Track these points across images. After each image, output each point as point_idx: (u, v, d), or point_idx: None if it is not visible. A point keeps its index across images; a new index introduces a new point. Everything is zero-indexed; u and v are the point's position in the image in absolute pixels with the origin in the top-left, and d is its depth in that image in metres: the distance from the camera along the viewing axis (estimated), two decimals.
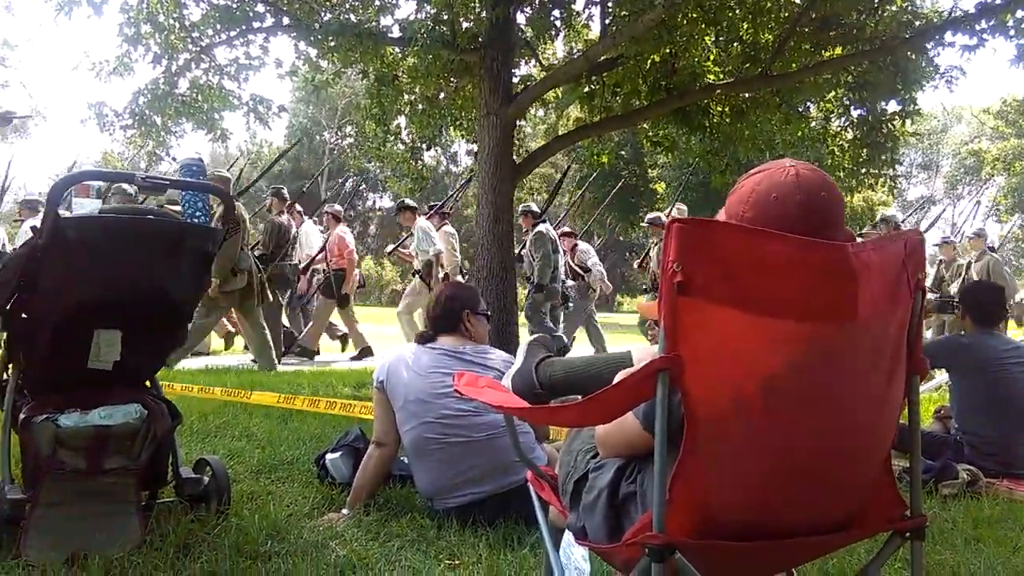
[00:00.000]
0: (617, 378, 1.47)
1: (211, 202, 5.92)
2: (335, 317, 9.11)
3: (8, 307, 2.35)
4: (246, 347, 9.03)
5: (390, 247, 10.01)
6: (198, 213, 3.67)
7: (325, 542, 2.36)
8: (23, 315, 2.37)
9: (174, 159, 7.03)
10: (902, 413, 1.43)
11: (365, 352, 8.69)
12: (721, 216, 1.39)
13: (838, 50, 6.29)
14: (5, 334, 2.47)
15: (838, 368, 1.27)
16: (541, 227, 8.13)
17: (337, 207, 9.37)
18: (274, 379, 6.04)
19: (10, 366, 2.51)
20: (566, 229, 9.85)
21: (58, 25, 7.26)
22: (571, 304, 8.57)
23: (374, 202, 51.15)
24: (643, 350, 1.83)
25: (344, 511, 2.70)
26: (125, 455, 2.31)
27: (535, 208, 8.58)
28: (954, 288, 8.45)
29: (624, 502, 1.43)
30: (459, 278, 8.57)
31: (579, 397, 2.15)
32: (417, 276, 8.38)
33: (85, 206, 2.38)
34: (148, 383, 2.63)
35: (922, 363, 1.40)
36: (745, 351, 1.23)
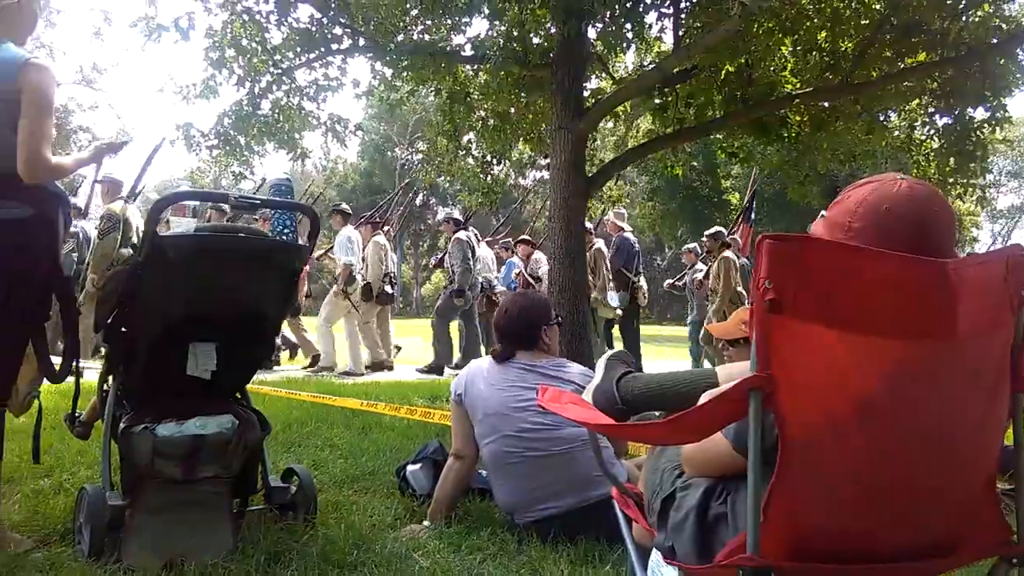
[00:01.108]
0: (705, 397, 1.46)
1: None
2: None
3: (110, 321, 2.49)
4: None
5: (319, 252, 10.05)
6: (286, 230, 3.79)
7: (408, 553, 2.39)
8: (123, 329, 2.49)
9: (263, 179, 7.30)
10: (1006, 434, 1.38)
11: (317, 359, 8.67)
12: (819, 228, 1.37)
13: (921, 56, 6.09)
14: (107, 347, 2.60)
15: (936, 387, 1.24)
16: (461, 234, 8.37)
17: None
18: (351, 389, 6.18)
19: (110, 377, 2.64)
20: (524, 237, 9.94)
21: (144, 50, 7.73)
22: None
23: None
24: (729, 368, 1.81)
25: (425, 523, 2.73)
26: (218, 464, 2.39)
27: (457, 215, 8.83)
28: None
29: (714, 522, 1.41)
30: (388, 288, 8.62)
31: (656, 414, 2.15)
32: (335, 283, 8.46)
33: (182, 224, 2.50)
34: (239, 394, 2.73)
35: None
36: (839, 370, 1.20)
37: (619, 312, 8.26)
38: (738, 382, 1.19)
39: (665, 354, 13.09)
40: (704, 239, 8.59)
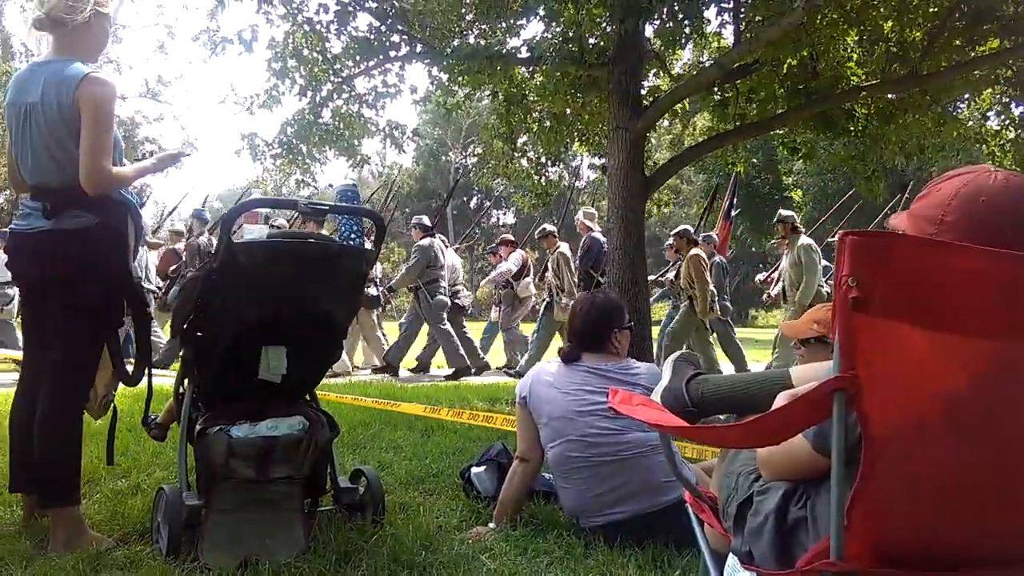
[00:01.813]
0: (781, 399, 1.43)
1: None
2: None
3: (185, 326, 2.56)
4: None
5: None
6: (353, 235, 3.85)
7: (475, 555, 2.40)
8: (199, 334, 2.56)
9: (330, 186, 7.46)
10: None
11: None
12: (903, 222, 1.33)
13: (994, 44, 5.87)
14: (183, 351, 2.67)
15: None
16: (424, 241, 8.38)
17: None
18: (412, 393, 6.24)
19: (186, 381, 2.72)
20: (505, 236, 10.21)
21: (206, 62, 8.01)
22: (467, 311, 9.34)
23: (498, 219, 52.05)
24: (802, 370, 1.76)
25: (491, 525, 2.73)
26: (290, 464, 2.44)
27: (426, 222, 8.83)
28: None
29: (794, 527, 1.37)
30: (371, 291, 8.62)
31: (721, 417, 2.10)
32: None
33: (254, 231, 2.56)
34: (308, 396, 2.78)
35: None
36: (927, 370, 1.16)
37: None
38: (821, 383, 1.16)
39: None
40: (671, 238, 8.47)
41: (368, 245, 4.33)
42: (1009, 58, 5.79)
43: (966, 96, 6.47)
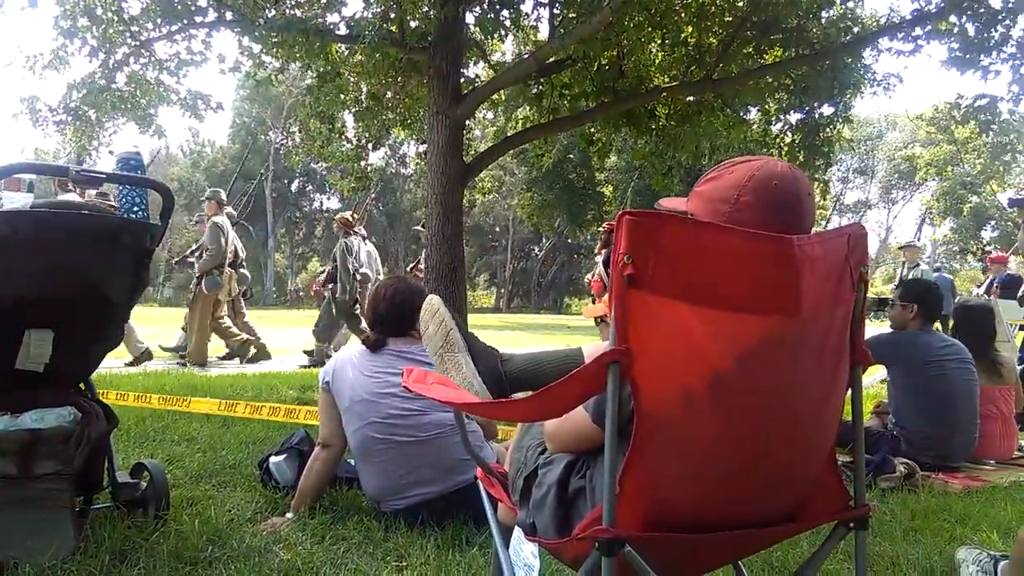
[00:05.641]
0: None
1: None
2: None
3: None
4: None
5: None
6: (135, 208, 3.50)
7: (268, 547, 2.30)
8: None
9: (111, 152, 6.84)
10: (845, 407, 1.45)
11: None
12: (692, 203, 1.40)
13: (778, 53, 6.43)
14: None
15: (784, 362, 1.28)
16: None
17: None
18: (216, 382, 5.89)
19: None
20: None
21: None
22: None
23: (320, 203, 50.55)
24: (592, 346, 1.82)
25: (288, 515, 2.63)
26: (58, 459, 2.21)
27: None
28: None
29: (574, 497, 1.42)
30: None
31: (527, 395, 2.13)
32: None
33: (16, 200, 2.27)
34: (82, 385, 2.53)
35: (865, 354, 1.41)
36: (692, 344, 1.22)
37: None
38: (597, 356, 1.20)
39: None
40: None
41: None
42: (790, 67, 6.37)
43: (756, 101, 7.05)
